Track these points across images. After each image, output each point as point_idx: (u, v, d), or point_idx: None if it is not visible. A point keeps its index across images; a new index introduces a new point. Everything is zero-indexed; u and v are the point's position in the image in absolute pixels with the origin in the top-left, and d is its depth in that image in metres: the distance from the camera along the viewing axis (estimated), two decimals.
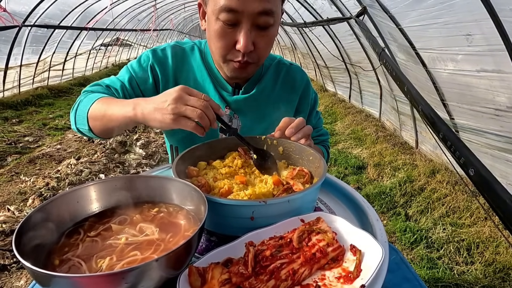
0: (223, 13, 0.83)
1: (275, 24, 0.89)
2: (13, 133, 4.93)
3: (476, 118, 2.64)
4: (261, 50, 0.91)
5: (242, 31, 0.85)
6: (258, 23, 0.85)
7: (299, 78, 1.15)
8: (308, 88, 1.17)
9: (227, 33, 0.87)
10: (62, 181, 3.47)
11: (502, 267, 2.24)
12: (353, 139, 4.77)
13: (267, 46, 0.92)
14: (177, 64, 1.06)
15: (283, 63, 1.16)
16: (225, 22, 0.84)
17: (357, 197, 0.78)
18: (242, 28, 0.85)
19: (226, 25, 0.85)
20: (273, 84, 1.12)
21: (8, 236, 2.52)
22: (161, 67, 1.05)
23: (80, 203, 0.62)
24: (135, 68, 1.05)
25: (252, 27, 0.86)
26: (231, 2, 0.81)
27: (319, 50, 6.97)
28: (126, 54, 13.88)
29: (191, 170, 0.77)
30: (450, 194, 3.05)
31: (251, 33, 0.86)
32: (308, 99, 1.17)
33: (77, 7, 6.98)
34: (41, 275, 0.42)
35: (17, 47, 5.87)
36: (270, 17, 0.85)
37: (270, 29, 0.88)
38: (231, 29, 0.86)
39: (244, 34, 0.85)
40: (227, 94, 1.07)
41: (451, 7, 2.29)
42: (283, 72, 1.14)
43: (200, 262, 0.52)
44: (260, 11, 0.83)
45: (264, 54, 0.94)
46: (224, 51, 0.91)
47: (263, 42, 0.90)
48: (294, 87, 1.14)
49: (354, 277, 0.52)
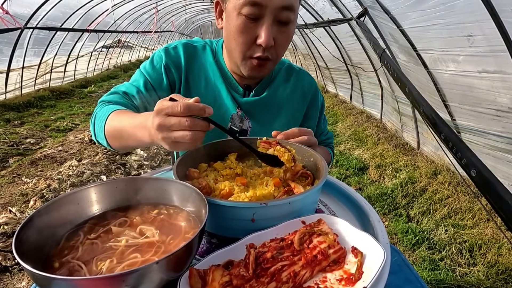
0: (246, 7, 0.83)
1: (294, 21, 0.89)
2: (15, 135, 4.95)
3: (477, 119, 2.63)
4: (280, 46, 0.91)
5: (264, 25, 0.85)
6: (280, 18, 0.85)
7: (307, 84, 1.15)
8: (316, 94, 1.17)
9: (249, 27, 0.86)
10: (64, 182, 3.48)
11: (504, 268, 2.22)
12: (354, 140, 4.76)
13: (285, 43, 0.92)
14: (188, 62, 1.05)
15: (292, 68, 1.16)
16: (248, 16, 0.84)
17: (359, 199, 0.78)
18: (264, 22, 0.85)
19: (248, 20, 0.85)
20: (283, 88, 1.12)
21: (10, 237, 2.53)
22: (174, 66, 1.04)
23: (81, 205, 0.62)
24: (149, 70, 1.04)
25: (273, 22, 0.85)
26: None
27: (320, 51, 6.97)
28: (127, 56, 13.92)
29: (192, 172, 0.76)
30: (452, 196, 3.04)
31: (272, 28, 0.86)
32: (317, 105, 1.18)
33: (78, 9, 7.02)
34: (41, 278, 0.42)
35: (19, 49, 5.90)
36: (291, 12, 0.85)
37: (290, 25, 0.88)
38: (253, 23, 0.85)
39: (266, 28, 0.84)
40: (238, 95, 1.06)
41: (452, 8, 2.29)
42: (293, 77, 1.14)
43: (200, 264, 0.52)
44: (283, 5, 0.83)
45: (282, 52, 0.94)
46: (245, 47, 0.90)
47: (283, 38, 0.90)
48: (304, 93, 1.14)
49: (355, 279, 0.51)
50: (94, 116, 0.96)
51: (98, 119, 0.93)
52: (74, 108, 6.69)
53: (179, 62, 1.05)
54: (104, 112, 0.91)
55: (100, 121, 0.91)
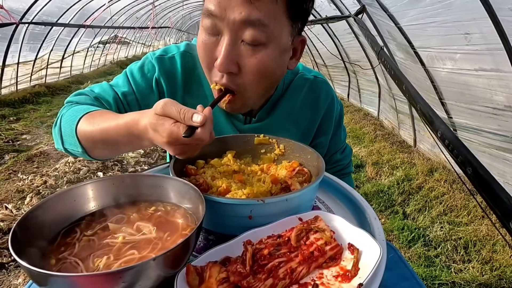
0: (205, 19, 0.69)
1: (271, 44, 0.69)
2: (10, 131, 4.91)
3: (474, 117, 2.65)
4: (248, 75, 0.72)
5: (223, 44, 0.69)
6: (243, 38, 0.68)
7: (323, 94, 0.97)
8: (332, 106, 0.99)
9: (209, 45, 0.71)
10: (60, 179, 3.46)
11: (499, 265, 2.25)
12: (352, 138, 4.77)
13: (256, 73, 0.72)
14: (186, 78, 0.89)
15: (305, 78, 0.97)
16: (206, 30, 0.70)
17: (355, 196, 0.78)
18: (223, 40, 0.69)
19: (208, 35, 0.71)
20: (292, 105, 0.94)
21: (6, 234, 2.52)
22: (168, 81, 0.88)
23: (77, 201, 0.61)
24: (137, 78, 0.88)
25: (236, 41, 0.69)
26: (210, 4, 0.67)
27: (317, 48, 6.96)
28: (124, 52, 13.82)
29: (189, 169, 0.76)
30: (448, 193, 3.06)
31: (233, 48, 0.69)
32: (332, 118, 1.00)
33: (74, 5, 6.95)
34: (37, 275, 0.42)
35: (14, 44, 5.83)
36: (259, 31, 0.66)
37: (261, 49, 0.69)
38: (214, 40, 0.71)
39: (224, 48, 0.68)
40: (238, 122, 0.92)
41: (450, 6, 2.29)
42: (306, 88, 0.96)
43: (198, 261, 0.52)
44: (243, 19, 0.65)
45: (252, 84, 0.74)
46: (208, 70, 0.76)
47: (251, 65, 0.70)
48: (317, 105, 0.97)
49: (352, 276, 0.52)
50: (59, 118, 0.80)
51: (66, 122, 0.77)
52: None
53: (174, 77, 0.89)
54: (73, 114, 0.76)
55: (68, 125, 0.76)
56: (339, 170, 1.11)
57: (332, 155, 1.09)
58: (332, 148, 1.07)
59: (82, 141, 0.75)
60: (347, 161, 1.12)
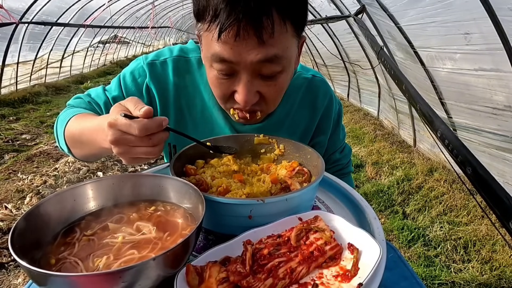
0: (215, 63, 0.69)
1: (286, 68, 0.72)
2: (10, 131, 4.91)
3: (474, 117, 2.65)
4: (269, 100, 0.75)
5: (241, 82, 0.69)
6: (261, 72, 0.69)
7: (322, 94, 0.98)
8: (330, 105, 1.00)
9: (223, 83, 0.72)
10: (60, 179, 3.46)
11: (498, 265, 2.25)
12: (351, 138, 4.77)
13: (276, 95, 0.76)
14: (179, 83, 0.89)
15: (303, 77, 0.97)
16: (220, 71, 0.70)
17: (355, 196, 0.78)
18: (240, 78, 0.69)
19: (222, 75, 0.70)
20: (291, 105, 0.95)
21: (6, 234, 2.52)
22: (159, 86, 0.88)
23: (77, 201, 0.61)
24: (128, 83, 0.89)
25: (254, 77, 0.70)
26: (223, 51, 0.65)
27: (317, 48, 6.96)
28: (124, 52, 13.81)
29: (189, 169, 0.76)
30: (448, 193, 3.06)
31: (253, 83, 0.70)
32: (331, 117, 1.01)
33: (74, 4, 6.94)
34: (37, 274, 0.42)
35: (14, 44, 5.83)
36: (276, 64, 0.68)
37: (278, 77, 0.71)
38: (228, 79, 0.71)
39: (244, 86, 0.69)
40: (237, 124, 0.92)
41: (450, 5, 2.29)
42: (304, 87, 0.96)
43: (197, 261, 0.52)
44: (261, 59, 0.66)
45: (273, 103, 0.78)
46: (224, 100, 0.76)
47: (271, 92, 0.74)
48: (316, 104, 0.97)
49: (351, 276, 0.52)
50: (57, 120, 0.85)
51: (60, 123, 0.82)
52: None
53: (166, 82, 0.89)
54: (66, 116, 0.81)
55: (61, 125, 0.81)
56: (338, 169, 1.11)
57: (331, 154, 1.09)
58: (331, 147, 1.07)
59: (66, 140, 0.80)
60: (346, 160, 1.12)
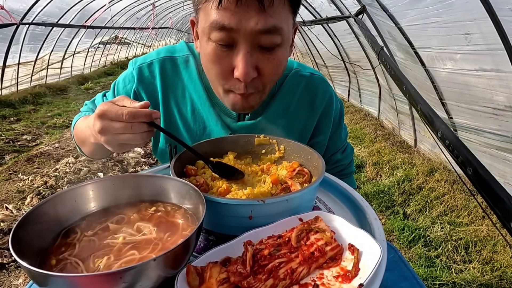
0: (214, 32, 0.67)
1: (284, 43, 0.72)
2: (11, 132, 4.92)
3: (474, 117, 2.65)
4: (267, 76, 0.73)
5: (240, 53, 0.68)
6: (261, 43, 0.68)
7: (321, 93, 0.95)
8: (330, 104, 0.96)
9: (222, 57, 0.70)
10: (61, 179, 3.46)
11: (499, 265, 2.25)
12: (352, 138, 4.77)
13: (274, 71, 0.74)
14: (166, 84, 0.90)
15: (301, 74, 0.95)
16: (218, 42, 0.68)
17: (356, 196, 0.78)
18: (239, 49, 0.68)
19: (220, 47, 0.69)
20: (288, 102, 0.93)
21: (6, 234, 2.52)
22: (147, 88, 0.90)
23: (78, 202, 0.61)
24: (120, 89, 0.93)
25: (253, 48, 0.69)
26: (223, 18, 0.65)
27: (318, 49, 6.97)
28: (124, 53, 13.84)
29: (189, 169, 0.76)
30: (448, 193, 3.06)
31: (252, 55, 0.69)
32: (331, 117, 0.97)
33: (75, 5, 6.96)
34: (38, 275, 0.42)
35: (15, 45, 5.85)
36: (276, 35, 0.68)
37: (277, 50, 0.71)
38: (227, 51, 0.69)
39: (243, 58, 0.68)
40: (230, 120, 0.90)
41: (450, 6, 2.29)
42: (302, 85, 0.94)
43: (198, 261, 0.52)
44: (261, 29, 0.65)
45: (271, 81, 0.77)
46: (222, 79, 0.74)
47: (269, 67, 0.72)
48: (314, 103, 0.95)
49: (352, 276, 0.52)
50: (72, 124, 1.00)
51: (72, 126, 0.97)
52: (71, 105, 6.65)
53: (153, 86, 0.90)
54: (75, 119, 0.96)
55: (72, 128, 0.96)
56: (340, 170, 1.09)
57: (332, 155, 1.07)
58: (332, 147, 1.05)
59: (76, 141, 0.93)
60: (348, 161, 1.10)
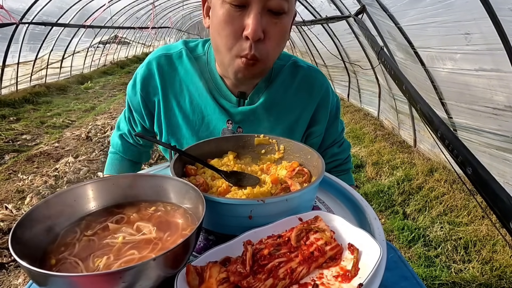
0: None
1: (289, 13, 0.79)
2: (10, 131, 4.91)
3: (474, 117, 2.65)
4: (272, 41, 0.79)
5: (252, 13, 0.74)
6: (270, 7, 0.75)
7: (318, 84, 0.99)
8: (327, 96, 1.00)
9: (234, 17, 0.76)
10: (60, 179, 3.46)
11: (499, 265, 2.25)
12: (352, 138, 4.77)
13: (278, 38, 0.80)
14: (164, 80, 0.94)
15: (299, 65, 0.99)
16: (232, 3, 0.74)
17: (355, 196, 0.78)
18: (251, 10, 0.74)
19: (234, 7, 0.75)
20: (284, 91, 0.96)
21: (6, 234, 2.52)
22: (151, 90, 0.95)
23: (77, 201, 0.61)
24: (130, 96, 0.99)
25: (263, 11, 0.75)
26: None
27: (318, 48, 6.96)
28: (124, 52, 13.81)
29: (189, 169, 0.76)
30: (448, 193, 3.06)
31: (261, 17, 0.75)
32: (327, 109, 1.01)
33: (74, 5, 6.94)
34: (37, 275, 0.42)
35: (14, 44, 5.83)
36: (284, 0, 0.75)
37: (283, 17, 0.77)
38: (239, 12, 0.75)
39: (254, 17, 0.74)
40: (230, 105, 0.94)
41: (450, 6, 2.29)
42: (299, 76, 0.98)
43: (198, 261, 0.52)
44: None
45: (274, 49, 0.81)
46: (231, 41, 0.78)
47: (275, 31, 0.78)
48: (312, 93, 0.98)
49: (352, 276, 0.52)
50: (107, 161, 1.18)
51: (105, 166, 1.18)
52: (71, 105, 6.64)
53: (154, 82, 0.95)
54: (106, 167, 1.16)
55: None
56: (337, 165, 1.11)
57: (328, 148, 1.09)
58: (328, 139, 1.07)
59: None
60: (344, 155, 1.12)
